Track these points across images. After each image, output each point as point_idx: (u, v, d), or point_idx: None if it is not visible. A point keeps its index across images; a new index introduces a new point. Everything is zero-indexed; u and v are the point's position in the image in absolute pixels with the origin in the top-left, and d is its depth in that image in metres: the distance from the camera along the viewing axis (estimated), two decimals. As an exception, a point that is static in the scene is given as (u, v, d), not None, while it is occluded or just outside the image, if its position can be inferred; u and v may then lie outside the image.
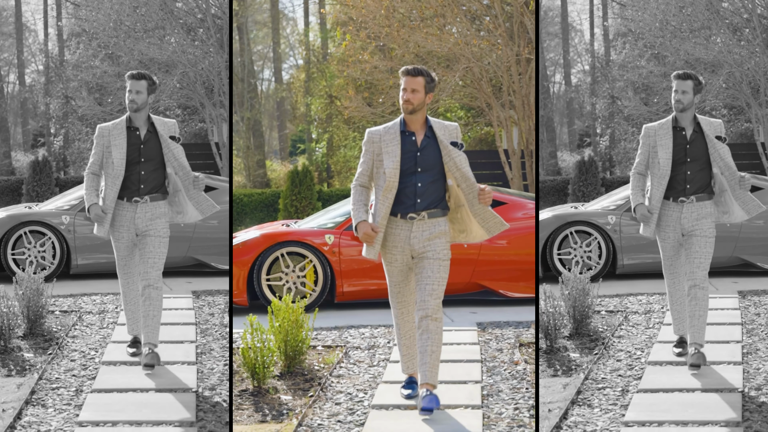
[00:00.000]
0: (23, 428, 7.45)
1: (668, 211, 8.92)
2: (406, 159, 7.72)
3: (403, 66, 8.00)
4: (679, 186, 8.88)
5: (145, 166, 8.95)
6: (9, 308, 9.78)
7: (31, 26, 26.96)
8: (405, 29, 21.38)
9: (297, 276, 12.06)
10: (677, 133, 8.88)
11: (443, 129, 7.81)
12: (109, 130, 9.01)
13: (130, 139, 8.95)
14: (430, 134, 7.78)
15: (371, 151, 7.84)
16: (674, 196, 8.90)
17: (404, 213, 7.77)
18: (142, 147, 8.95)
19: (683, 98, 8.82)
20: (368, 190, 7.90)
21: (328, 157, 29.58)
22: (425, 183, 7.73)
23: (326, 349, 9.97)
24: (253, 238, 12.13)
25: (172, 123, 9.14)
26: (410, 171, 7.72)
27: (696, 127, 8.86)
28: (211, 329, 10.64)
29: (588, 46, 26.41)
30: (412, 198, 7.74)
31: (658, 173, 8.86)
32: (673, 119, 8.96)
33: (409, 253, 7.80)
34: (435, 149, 7.74)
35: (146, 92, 8.97)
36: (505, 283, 12.29)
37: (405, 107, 7.74)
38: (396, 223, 7.79)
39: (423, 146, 7.74)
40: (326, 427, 7.53)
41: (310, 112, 30.67)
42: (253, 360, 8.52)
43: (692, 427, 7.35)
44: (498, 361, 9.42)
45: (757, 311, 11.27)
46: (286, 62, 35.21)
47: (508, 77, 21.38)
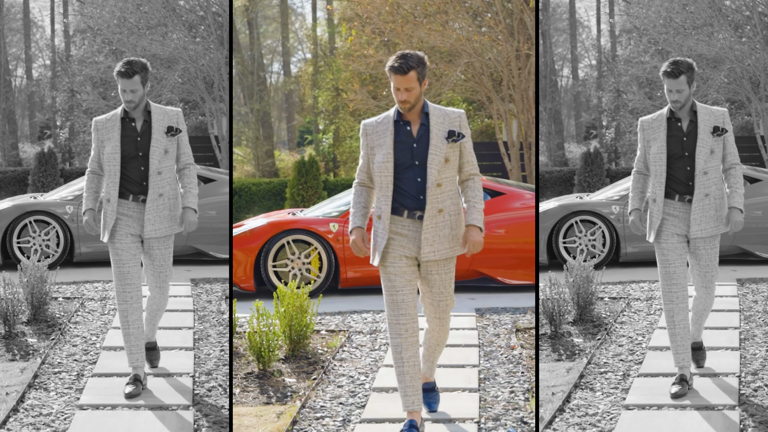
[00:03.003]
0: (26, 411, 7.53)
1: (672, 211, 7.86)
2: (402, 152, 6.86)
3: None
4: (682, 183, 7.83)
5: (144, 160, 7.94)
6: (14, 295, 9.86)
7: (39, 22, 27.10)
8: (409, 25, 21.55)
9: (302, 263, 12.18)
10: (672, 125, 7.89)
11: (443, 117, 6.93)
12: (104, 122, 8.04)
13: (125, 132, 7.96)
14: (426, 122, 6.91)
15: (366, 145, 7.01)
16: (679, 194, 7.85)
17: (410, 211, 6.89)
18: (139, 140, 7.95)
19: (680, 97, 7.79)
20: (369, 189, 7.11)
21: (335, 148, 29.79)
22: (427, 177, 6.84)
23: (330, 333, 10.06)
24: (260, 225, 12.26)
25: (174, 112, 8.12)
26: (407, 165, 6.86)
27: (693, 116, 7.85)
28: (208, 316, 10.69)
29: (595, 42, 26.50)
30: (414, 194, 6.85)
31: (654, 170, 7.88)
32: (668, 110, 7.93)
33: (415, 256, 6.92)
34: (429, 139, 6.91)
35: (142, 86, 7.95)
36: (503, 271, 12.41)
37: (402, 107, 6.87)
38: (401, 223, 6.92)
39: (419, 136, 6.88)
40: (328, 408, 7.60)
41: (317, 104, 30.85)
42: (258, 344, 8.59)
43: (690, 411, 7.40)
44: (495, 346, 9.50)
45: (755, 298, 11.32)
46: (294, 56, 35.35)
47: (508, 72, 21.53)
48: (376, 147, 6.94)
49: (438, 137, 6.85)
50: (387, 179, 6.87)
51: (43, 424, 7.26)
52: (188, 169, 8.15)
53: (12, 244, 13.62)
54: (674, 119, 7.88)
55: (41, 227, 13.74)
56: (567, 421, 7.36)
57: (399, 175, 6.89)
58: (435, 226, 6.86)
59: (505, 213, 12.55)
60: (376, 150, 6.93)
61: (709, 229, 7.80)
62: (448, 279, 7.03)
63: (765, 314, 10.49)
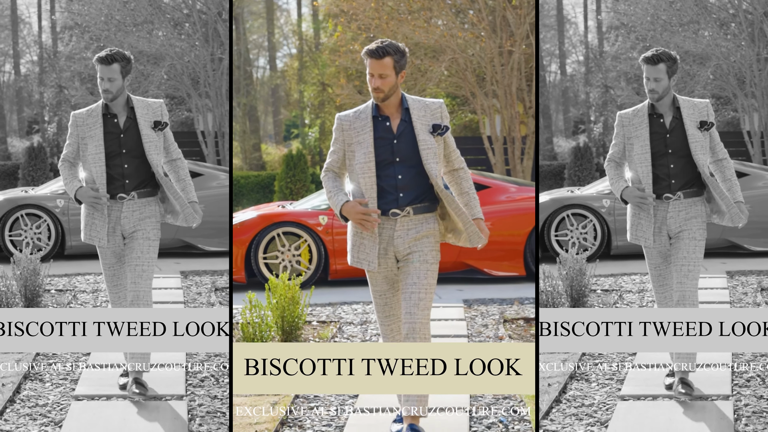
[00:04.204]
0: (22, 402, 7.57)
1: (652, 211, 7.51)
2: (382, 148, 6.54)
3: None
4: (663, 181, 7.47)
5: (128, 158, 7.53)
6: (8, 287, 9.89)
7: (26, 19, 27.11)
8: (393, 21, 21.71)
9: (292, 255, 12.29)
10: (654, 121, 7.50)
11: (423, 109, 6.62)
12: (84, 118, 7.58)
13: (107, 128, 7.54)
14: (408, 117, 6.58)
15: (341, 140, 6.66)
16: (658, 192, 7.48)
17: (386, 209, 6.56)
18: (122, 137, 7.54)
19: (657, 87, 7.43)
20: (340, 176, 6.75)
21: (321, 142, 29.90)
22: (407, 174, 6.55)
23: (321, 324, 10.14)
24: (251, 218, 12.39)
25: (157, 105, 7.70)
26: (387, 162, 6.54)
27: (676, 112, 7.48)
28: (198, 308, 10.74)
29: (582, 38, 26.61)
30: (393, 192, 6.53)
31: (636, 169, 7.51)
32: (648, 105, 7.54)
33: (393, 255, 6.63)
34: (414, 135, 6.57)
35: (121, 77, 7.53)
36: (489, 262, 12.56)
37: (376, 96, 6.54)
38: (381, 223, 6.64)
39: (400, 132, 6.56)
40: (322, 398, 7.66)
41: (302, 99, 30.94)
42: (252, 335, 8.63)
43: (685, 401, 7.44)
44: (484, 336, 9.59)
45: (745, 290, 11.41)
46: (280, 51, 35.40)
47: (491, 68, 21.67)
48: (355, 144, 6.59)
49: (423, 132, 6.55)
50: (370, 180, 6.56)
51: (39, 415, 7.30)
52: (180, 161, 7.80)
53: (4, 238, 13.67)
54: (655, 115, 7.50)
55: (33, 220, 13.78)
56: (564, 412, 7.42)
57: (378, 173, 6.57)
58: (411, 223, 6.59)
59: (490, 206, 12.65)
60: (355, 148, 6.59)
61: (693, 229, 7.43)
62: (425, 269, 6.58)
63: (755, 306, 10.57)
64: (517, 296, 11.46)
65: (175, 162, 7.79)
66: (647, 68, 7.40)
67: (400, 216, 6.56)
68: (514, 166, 22.06)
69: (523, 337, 9.61)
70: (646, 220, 7.55)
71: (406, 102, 6.60)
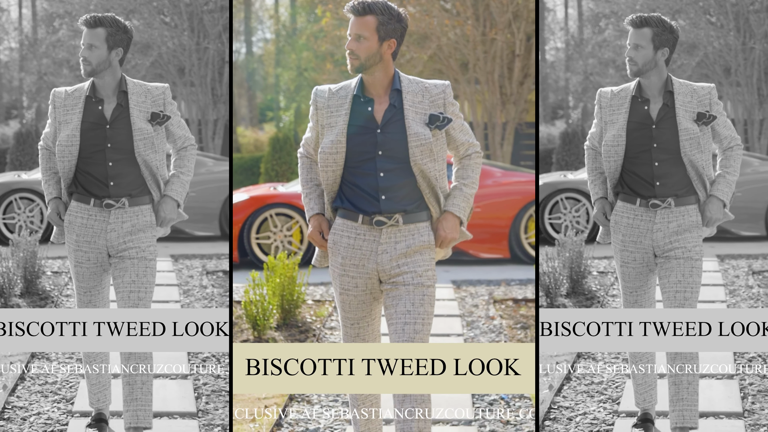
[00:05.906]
0: (32, 379, 7.70)
1: (632, 221, 6.03)
2: (359, 137, 5.11)
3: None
4: (646, 183, 5.94)
5: (115, 154, 5.93)
6: (7, 269, 10.08)
7: (5, 6, 27.18)
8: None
9: (284, 235, 12.54)
10: (637, 106, 5.93)
11: (421, 94, 5.16)
12: (63, 98, 5.97)
13: (87, 116, 5.93)
14: (398, 102, 5.14)
15: (315, 119, 5.25)
16: (641, 197, 5.97)
17: (367, 215, 5.15)
18: (108, 128, 5.92)
19: (636, 56, 5.82)
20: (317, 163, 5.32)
21: (296, 125, 30.09)
22: (392, 173, 5.13)
23: (316, 303, 10.35)
24: (243, 200, 12.64)
25: (159, 91, 6.08)
26: (367, 156, 5.12)
27: (668, 98, 5.86)
28: (192, 290, 10.92)
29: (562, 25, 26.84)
30: (373, 193, 5.12)
31: (606, 163, 6.06)
32: (635, 87, 5.96)
33: (375, 274, 5.22)
34: (404, 126, 5.13)
35: (105, 45, 5.89)
36: (475, 244, 12.89)
37: (350, 64, 5.11)
38: (356, 231, 5.21)
39: (386, 120, 5.12)
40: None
41: (279, 83, 31.12)
42: (254, 313, 8.90)
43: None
44: (475, 316, 9.82)
45: (736, 273, 11.55)
46: (255, 35, 35.60)
47: (474, 55, 21.95)
48: (326, 127, 5.18)
49: (417, 122, 5.13)
50: (333, 175, 5.19)
51: (50, 392, 7.45)
52: (185, 150, 6.28)
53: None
54: (641, 99, 5.91)
55: (26, 204, 13.98)
56: (575, 389, 7.57)
57: (354, 167, 5.16)
58: (401, 234, 5.18)
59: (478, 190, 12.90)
60: (326, 131, 5.17)
61: (689, 246, 5.98)
62: (421, 294, 5.18)
63: (748, 288, 10.76)
64: (503, 278, 11.73)
65: (179, 152, 6.29)
66: (630, 33, 5.87)
67: (387, 225, 5.17)
68: (494, 152, 22.36)
69: (513, 317, 9.84)
70: (624, 231, 6.12)
71: (399, 82, 5.16)
